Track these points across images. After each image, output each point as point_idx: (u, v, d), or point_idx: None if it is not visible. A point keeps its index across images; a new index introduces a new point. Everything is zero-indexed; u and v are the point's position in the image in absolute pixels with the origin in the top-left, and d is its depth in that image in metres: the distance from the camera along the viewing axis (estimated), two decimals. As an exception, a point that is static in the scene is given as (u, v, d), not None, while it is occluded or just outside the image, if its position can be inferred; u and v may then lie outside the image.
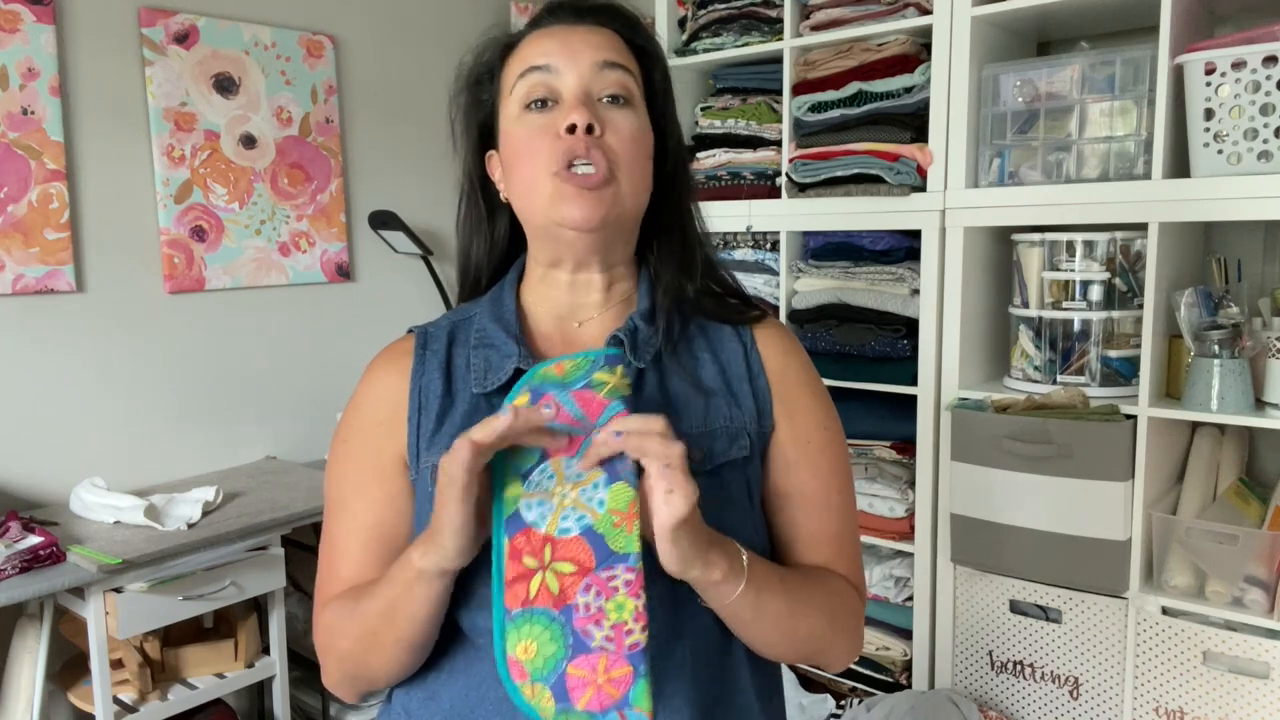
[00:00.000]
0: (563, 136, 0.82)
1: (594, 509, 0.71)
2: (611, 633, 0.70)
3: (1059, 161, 1.94)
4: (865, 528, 2.18)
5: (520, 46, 0.89)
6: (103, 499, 2.01)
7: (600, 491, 0.72)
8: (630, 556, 0.70)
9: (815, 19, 2.19)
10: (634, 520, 0.71)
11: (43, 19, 2.09)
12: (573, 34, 0.87)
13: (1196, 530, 1.78)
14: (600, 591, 0.70)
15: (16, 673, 1.87)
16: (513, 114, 0.87)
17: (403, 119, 2.82)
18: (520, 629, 0.71)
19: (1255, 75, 1.65)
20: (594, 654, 0.70)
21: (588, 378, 0.76)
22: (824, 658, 0.89)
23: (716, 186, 2.38)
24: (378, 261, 2.79)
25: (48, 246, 2.12)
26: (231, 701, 2.33)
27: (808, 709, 2.18)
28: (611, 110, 0.85)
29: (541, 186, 0.84)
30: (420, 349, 0.92)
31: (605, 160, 0.83)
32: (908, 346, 2.11)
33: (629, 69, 0.87)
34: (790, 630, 0.82)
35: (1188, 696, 1.79)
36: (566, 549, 0.71)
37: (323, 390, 2.64)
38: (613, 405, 0.74)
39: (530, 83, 0.85)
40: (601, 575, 0.70)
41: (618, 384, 0.75)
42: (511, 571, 0.72)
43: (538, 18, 0.90)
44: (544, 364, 0.78)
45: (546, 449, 0.74)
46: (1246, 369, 1.73)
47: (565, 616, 0.70)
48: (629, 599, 0.70)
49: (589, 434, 0.73)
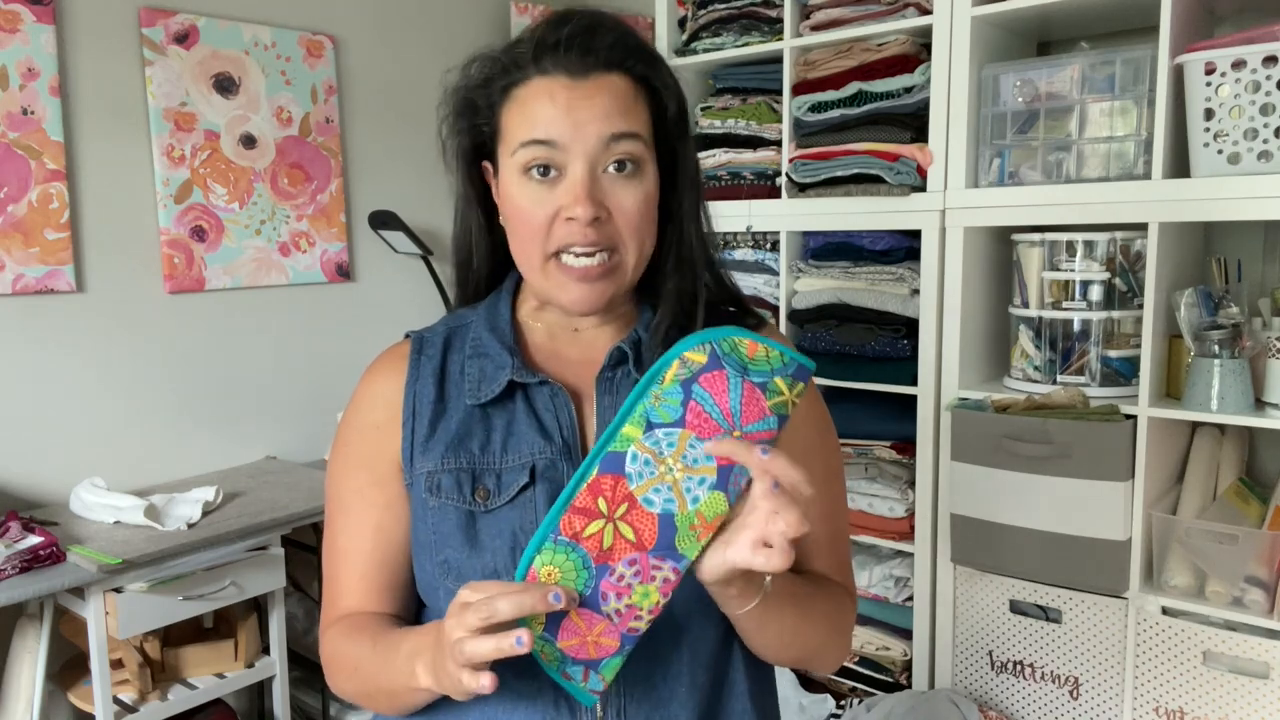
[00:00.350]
0: (562, 221, 0.81)
1: (686, 500, 0.71)
2: (624, 609, 0.71)
3: (1059, 161, 1.94)
4: (865, 528, 2.18)
5: (521, 93, 0.83)
6: (103, 499, 2.01)
7: (701, 489, 0.71)
8: (685, 561, 0.71)
9: (815, 19, 2.19)
10: (710, 534, 0.71)
11: (43, 19, 2.09)
12: (579, 94, 0.81)
13: (1196, 530, 1.78)
14: (640, 573, 0.71)
15: (16, 673, 1.87)
16: (513, 173, 0.84)
17: (403, 119, 2.82)
18: (556, 554, 0.71)
19: (1255, 75, 1.65)
20: (598, 616, 0.71)
21: (769, 378, 0.72)
22: (818, 662, 0.90)
23: (716, 186, 2.38)
24: (378, 261, 2.79)
25: (48, 246, 2.12)
26: (231, 701, 2.33)
27: (808, 709, 2.18)
28: (617, 183, 0.82)
29: (537, 264, 0.84)
30: (415, 354, 0.91)
31: (608, 244, 0.82)
32: (908, 346, 2.11)
33: (638, 132, 0.83)
34: (794, 639, 0.83)
35: (1188, 696, 1.78)
36: (639, 518, 0.71)
37: (323, 390, 2.64)
38: (769, 419, 0.71)
39: (532, 153, 0.82)
40: (651, 559, 0.71)
41: (789, 398, 0.72)
42: (582, 501, 0.72)
43: (539, 52, 0.82)
44: (743, 333, 0.73)
45: (685, 419, 0.71)
46: (1246, 369, 1.73)
47: (599, 573, 0.71)
48: (658, 594, 0.71)
49: (730, 432, 0.71)
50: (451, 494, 0.84)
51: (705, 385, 0.71)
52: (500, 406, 0.86)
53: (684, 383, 0.71)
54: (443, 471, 0.85)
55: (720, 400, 0.71)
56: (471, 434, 0.86)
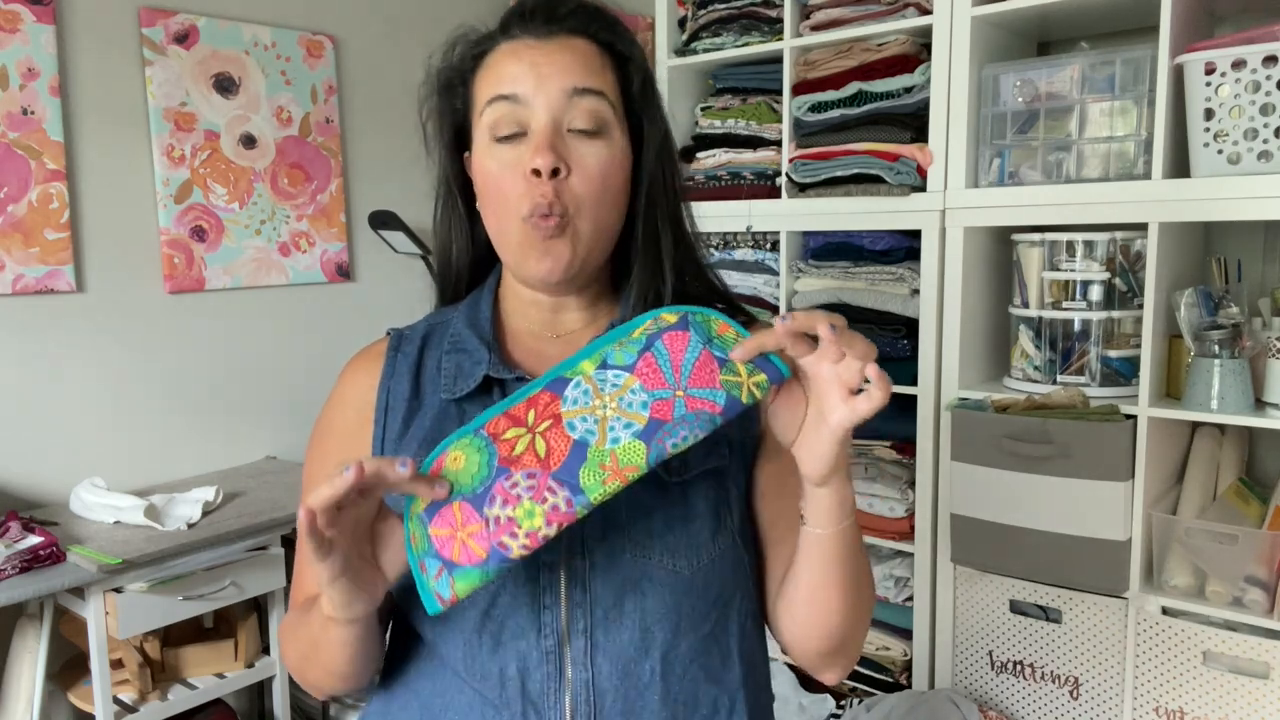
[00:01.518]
0: (529, 178, 0.80)
1: (606, 438, 0.69)
2: (504, 519, 0.69)
3: (1059, 161, 1.94)
4: (865, 528, 2.18)
5: (490, 59, 0.85)
6: (103, 499, 2.01)
7: (625, 433, 0.69)
8: (581, 497, 0.68)
9: (815, 19, 2.18)
10: (616, 481, 0.68)
11: (43, 19, 2.09)
12: (542, 53, 0.82)
13: (1196, 530, 1.78)
14: (535, 489, 0.69)
15: (16, 673, 1.87)
16: (483, 141, 0.84)
17: (403, 119, 2.81)
18: (470, 444, 0.71)
19: (1255, 75, 1.65)
20: (477, 515, 0.69)
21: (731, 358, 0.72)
22: (840, 657, 0.87)
23: (716, 186, 2.37)
24: (378, 261, 2.80)
25: (48, 246, 2.12)
26: (231, 701, 2.33)
27: (808, 709, 2.18)
28: (581, 143, 0.82)
29: (510, 232, 0.83)
30: (393, 351, 0.91)
31: (563, 206, 0.81)
32: (908, 346, 2.11)
33: (602, 91, 0.83)
34: (855, 595, 0.82)
35: (1188, 696, 1.79)
36: (557, 438, 0.70)
37: (323, 390, 2.61)
38: (717, 392, 0.70)
39: (498, 113, 0.82)
40: (551, 481, 0.69)
41: (745, 383, 0.71)
42: (516, 410, 0.72)
43: (507, 22, 0.85)
44: (724, 317, 0.74)
45: (637, 366, 0.71)
46: (1246, 369, 1.73)
47: (498, 473, 0.70)
48: (542, 519, 0.68)
49: (674, 390, 0.70)
50: None
51: (666, 342, 0.72)
52: (476, 402, 0.85)
53: (649, 336, 0.72)
54: None
55: (675, 357, 0.71)
56: (445, 430, 0.84)
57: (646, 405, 0.70)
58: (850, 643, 0.86)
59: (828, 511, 0.77)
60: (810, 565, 0.80)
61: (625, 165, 0.85)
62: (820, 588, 0.81)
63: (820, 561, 0.80)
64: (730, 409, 0.70)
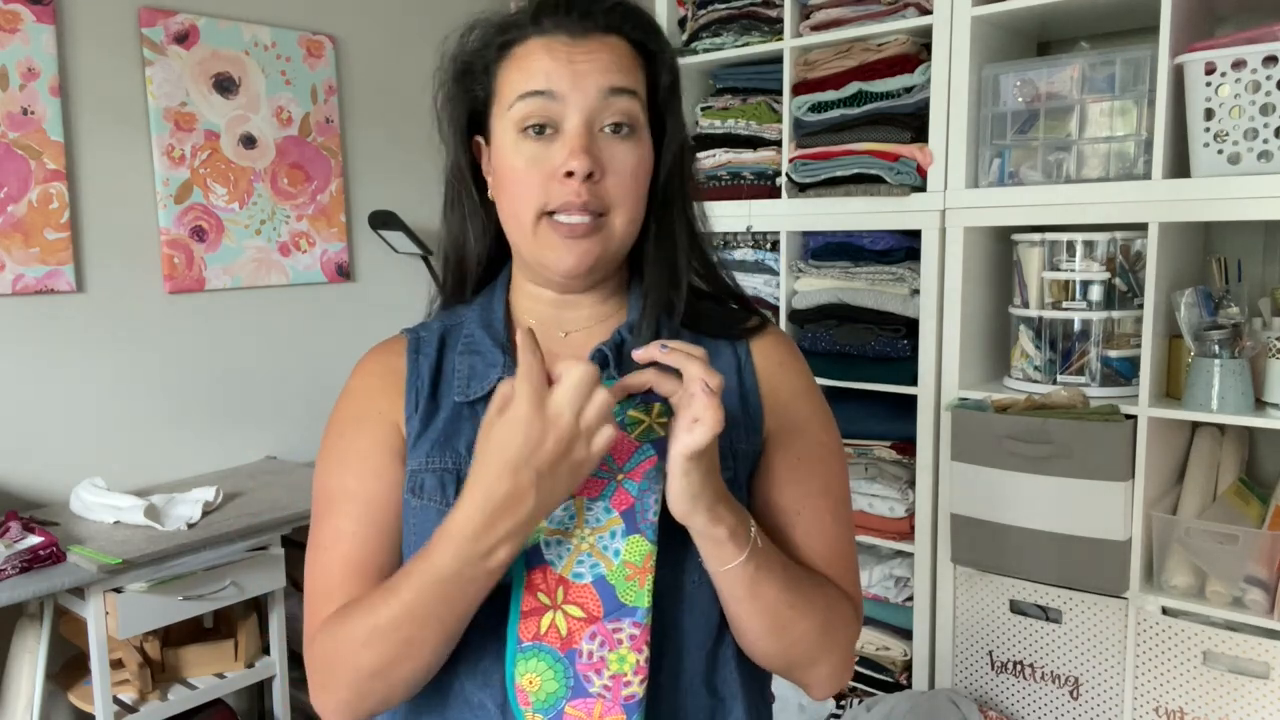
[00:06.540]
0: (558, 178, 0.79)
1: (609, 558, 0.72)
2: (610, 682, 0.72)
3: (1059, 161, 1.93)
4: (865, 528, 2.18)
5: (519, 51, 0.82)
6: (103, 499, 2.01)
7: (617, 541, 0.72)
8: (639, 611, 0.72)
9: (815, 19, 2.18)
10: (648, 575, 0.72)
11: (43, 19, 2.09)
12: (579, 51, 0.80)
13: (1196, 530, 1.78)
14: (605, 642, 0.72)
15: (16, 673, 1.87)
16: (508, 132, 0.82)
17: (403, 119, 2.82)
18: (529, 661, 0.73)
19: (1255, 75, 1.65)
20: (592, 699, 0.72)
21: (622, 413, 0.74)
22: (810, 671, 0.84)
23: (716, 186, 2.37)
24: (378, 261, 2.80)
25: (48, 246, 2.12)
26: (231, 701, 2.33)
27: (807, 709, 2.18)
28: (613, 143, 0.81)
29: (528, 224, 0.82)
30: (413, 353, 0.90)
31: (598, 203, 0.80)
32: (908, 346, 2.11)
33: (635, 90, 0.82)
34: (784, 625, 0.79)
35: (1188, 696, 1.79)
36: (578, 594, 0.72)
37: (323, 390, 2.64)
38: (644, 449, 0.72)
39: (529, 106, 0.80)
40: (608, 626, 0.72)
41: (653, 424, 0.73)
42: (527, 604, 0.73)
43: (538, 13, 0.82)
44: None
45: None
46: (1246, 369, 1.73)
47: (569, 660, 0.72)
48: (631, 653, 0.72)
49: (614, 477, 0.72)
50: (434, 494, 0.82)
51: None
52: (489, 404, 0.85)
53: None
54: (426, 471, 0.83)
55: None
56: (459, 433, 0.84)
57: (608, 510, 0.73)
58: (805, 664, 0.83)
59: (706, 553, 0.75)
60: (722, 598, 0.79)
61: (650, 163, 0.85)
62: (736, 618, 0.80)
63: (726, 599, 0.79)
64: (659, 448, 0.73)
